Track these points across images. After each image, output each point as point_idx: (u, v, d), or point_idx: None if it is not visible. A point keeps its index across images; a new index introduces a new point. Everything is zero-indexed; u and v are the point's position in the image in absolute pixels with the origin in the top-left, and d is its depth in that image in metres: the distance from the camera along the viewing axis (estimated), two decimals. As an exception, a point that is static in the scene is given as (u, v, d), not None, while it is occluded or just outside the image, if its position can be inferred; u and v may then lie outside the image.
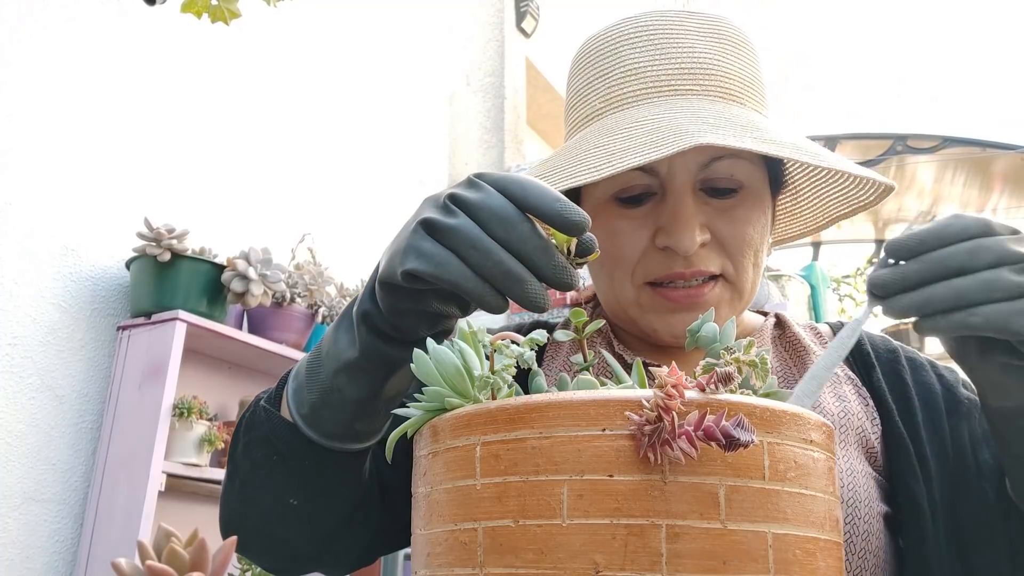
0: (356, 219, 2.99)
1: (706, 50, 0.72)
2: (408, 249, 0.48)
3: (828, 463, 0.42)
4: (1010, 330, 0.48)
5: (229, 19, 1.01)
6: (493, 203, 0.47)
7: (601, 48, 0.76)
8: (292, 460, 0.62)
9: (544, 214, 0.46)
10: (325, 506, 0.65)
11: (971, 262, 0.50)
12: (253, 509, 0.66)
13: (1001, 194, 4.50)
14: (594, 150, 0.68)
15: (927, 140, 4.03)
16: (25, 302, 1.96)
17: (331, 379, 0.57)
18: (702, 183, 0.71)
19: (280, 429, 0.62)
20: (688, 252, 0.69)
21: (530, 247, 0.46)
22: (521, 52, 4.08)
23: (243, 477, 0.65)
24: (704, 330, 0.50)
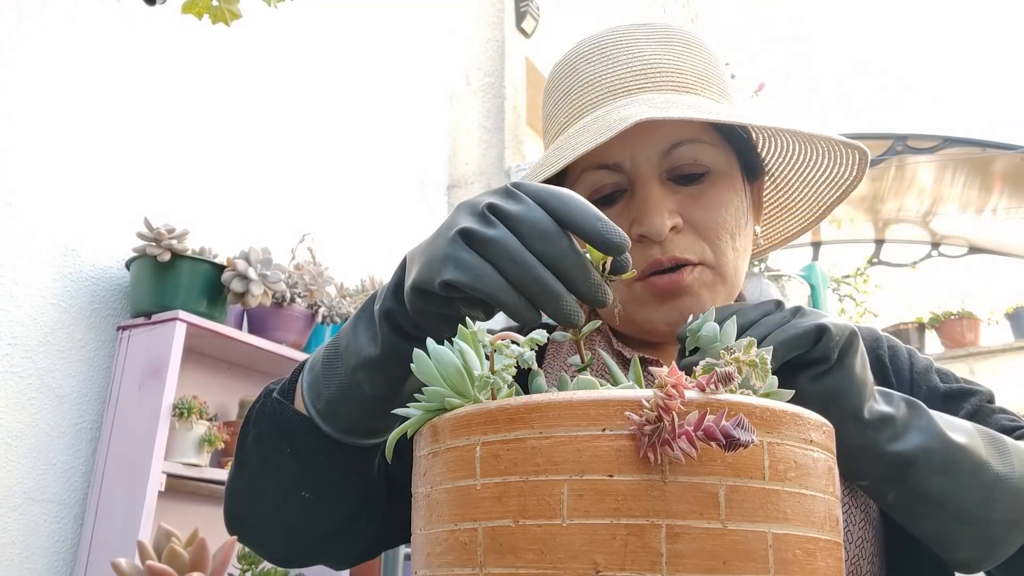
0: (356, 219, 2.99)
1: (655, 53, 0.75)
2: (447, 258, 0.48)
3: (828, 463, 0.42)
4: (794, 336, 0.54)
5: (230, 20, 1.01)
6: (533, 217, 0.46)
7: (562, 70, 0.80)
8: (304, 453, 0.62)
9: (585, 231, 0.46)
10: (335, 500, 0.65)
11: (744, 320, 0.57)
12: (262, 501, 0.66)
13: (1001, 194, 4.50)
14: (552, 154, 0.72)
15: (927, 140, 4.03)
16: (25, 302, 1.97)
17: (350, 375, 0.57)
18: (668, 172, 0.73)
19: (293, 422, 0.62)
20: (660, 236, 0.70)
21: (568, 263, 0.46)
22: (521, 52, 4.08)
23: (252, 469, 0.65)
24: (705, 329, 0.50)
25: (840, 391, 0.56)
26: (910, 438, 0.58)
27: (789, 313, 0.56)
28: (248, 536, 0.69)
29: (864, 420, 0.56)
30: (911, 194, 4.53)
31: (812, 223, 0.87)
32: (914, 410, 0.59)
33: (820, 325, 0.54)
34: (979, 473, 0.59)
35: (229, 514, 0.70)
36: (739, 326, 0.55)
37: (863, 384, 0.57)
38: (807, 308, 0.57)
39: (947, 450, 0.58)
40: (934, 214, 4.81)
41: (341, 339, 0.59)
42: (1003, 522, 0.59)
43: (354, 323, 0.59)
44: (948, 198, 4.60)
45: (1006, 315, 4.52)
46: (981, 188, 4.45)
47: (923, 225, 4.95)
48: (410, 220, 3.31)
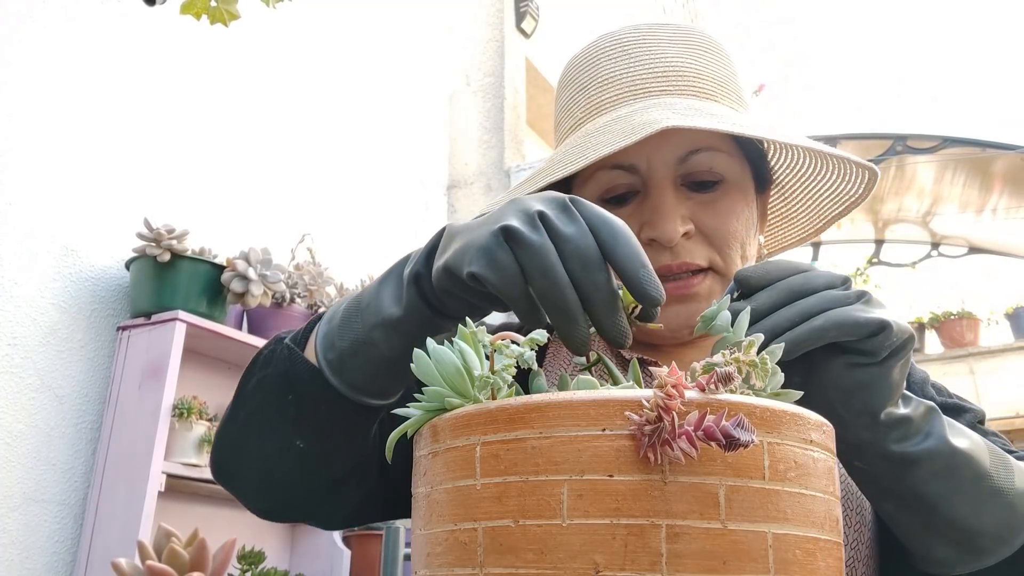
0: (356, 219, 2.99)
1: (677, 55, 0.75)
2: (482, 251, 0.47)
3: (828, 463, 0.42)
4: (851, 322, 0.52)
5: (228, 20, 1.01)
6: (580, 240, 0.46)
7: (580, 64, 0.79)
8: (306, 403, 0.61)
9: (627, 274, 0.46)
10: (328, 457, 0.64)
11: (808, 286, 0.54)
12: (255, 446, 0.64)
13: (1001, 194, 4.50)
14: (569, 151, 0.71)
15: (927, 140, 4.03)
16: (25, 302, 1.97)
17: (367, 332, 0.57)
18: (683, 178, 0.73)
19: (301, 370, 0.61)
20: (671, 242, 0.70)
21: (599, 296, 0.46)
22: (521, 52, 4.09)
23: (250, 411, 0.64)
24: (720, 318, 0.50)
25: (870, 388, 0.55)
26: (918, 441, 0.57)
27: (854, 295, 0.54)
28: (232, 482, 0.68)
29: (879, 420, 0.56)
30: (911, 194, 4.53)
31: (811, 235, 0.88)
32: (929, 415, 0.59)
33: (883, 321, 0.52)
34: (978, 483, 0.59)
35: (217, 457, 0.68)
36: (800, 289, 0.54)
37: (894, 389, 0.56)
38: (874, 297, 0.56)
39: (951, 456, 0.58)
40: (934, 214, 4.81)
41: (364, 296, 0.59)
42: (991, 535, 0.60)
43: (380, 282, 0.58)
44: (948, 198, 4.60)
45: (1006, 315, 4.52)
46: (981, 188, 4.45)
47: (923, 225, 4.96)
48: (410, 220, 3.31)
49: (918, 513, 0.60)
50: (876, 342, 0.52)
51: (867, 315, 0.52)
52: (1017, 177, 4.29)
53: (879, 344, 0.52)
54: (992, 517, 0.59)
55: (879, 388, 0.55)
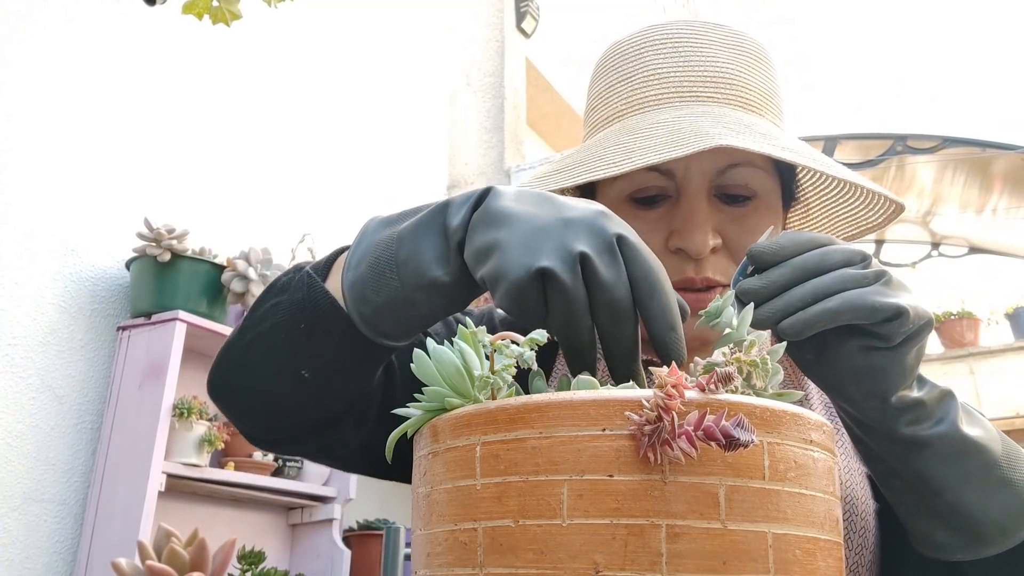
0: (356, 219, 2.98)
1: (728, 61, 0.73)
2: (513, 290, 0.46)
3: (828, 463, 0.42)
4: (867, 306, 0.50)
5: (230, 20, 1.01)
6: (615, 293, 0.45)
7: (626, 52, 0.77)
8: (320, 334, 0.59)
9: (654, 335, 0.46)
10: (331, 390, 0.62)
11: (824, 263, 0.53)
12: (258, 367, 0.63)
13: (1001, 194, 4.50)
14: (613, 147, 0.69)
15: (927, 140, 4.03)
16: (25, 302, 1.97)
17: (409, 292, 0.53)
18: (716, 189, 0.72)
19: (319, 298, 0.59)
20: (700, 254, 0.69)
21: (619, 347, 0.46)
22: (521, 52, 4.09)
23: (259, 333, 0.62)
24: (724, 316, 0.50)
25: (882, 372, 0.54)
26: (929, 425, 0.57)
27: (872, 276, 0.52)
28: (227, 400, 0.66)
29: (890, 403, 0.55)
30: (911, 194, 4.53)
31: None
32: (944, 400, 0.58)
33: (900, 307, 0.50)
34: (987, 472, 0.58)
35: (216, 373, 0.66)
36: (815, 267, 0.52)
37: (907, 373, 0.54)
38: (894, 278, 0.53)
39: (961, 442, 0.57)
40: (934, 214, 4.81)
41: (399, 250, 0.54)
42: (995, 524, 0.59)
43: (416, 234, 0.54)
44: (948, 198, 4.60)
45: (1006, 315, 4.52)
46: (981, 188, 4.45)
47: (923, 225, 4.95)
48: (410, 220, 3.30)
49: (923, 496, 0.59)
50: (891, 327, 0.51)
51: (884, 300, 0.50)
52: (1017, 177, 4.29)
53: (894, 329, 0.51)
54: (998, 507, 0.59)
55: (891, 373, 0.54)
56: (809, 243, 0.54)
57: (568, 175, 0.71)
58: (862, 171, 3.82)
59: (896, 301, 0.51)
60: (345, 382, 0.62)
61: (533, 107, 4.25)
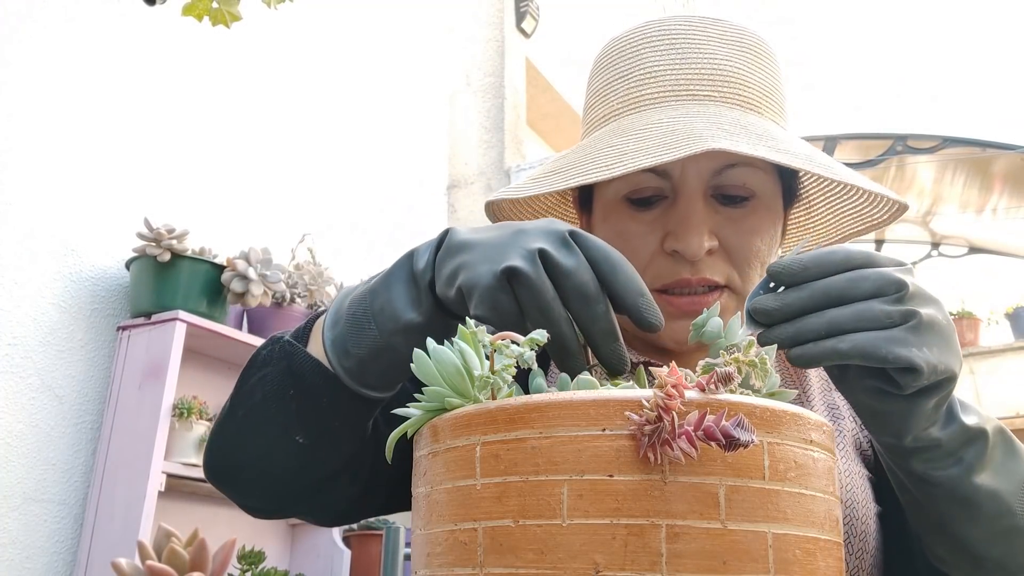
0: (356, 219, 2.99)
1: (727, 57, 0.72)
2: (484, 295, 0.49)
3: (828, 463, 0.42)
4: (878, 356, 0.48)
5: (230, 22, 1.01)
6: (579, 277, 0.47)
7: (623, 49, 0.76)
8: (308, 395, 0.60)
9: (625, 305, 0.47)
10: (327, 449, 0.63)
11: (849, 292, 0.49)
12: (253, 442, 0.64)
13: (1001, 194, 4.50)
14: (607, 149, 0.68)
15: (927, 140, 4.03)
16: (25, 302, 1.97)
17: (387, 338, 0.56)
18: (714, 189, 0.71)
19: (303, 363, 0.60)
20: (695, 257, 0.68)
21: (597, 328, 0.47)
22: (521, 52, 4.08)
23: (249, 408, 0.63)
24: (710, 325, 0.50)
25: (896, 416, 0.52)
26: (943, 466, 0.55)
27: (899, 316, 0.48)
28: (227, 479, 0.67)
29: (903, 442, 0.53)
30: (911, 194, 4.52)
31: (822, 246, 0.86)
32: (967, 442, 0.55)
33: (913, 364, 0.47)
34: (997, 520, 0.57)
35: (212, 455, 0.67)
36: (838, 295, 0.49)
37: (922, 421, 0.52)
38: (926, 320, 0.49)
39: (972, 491, 0.56)
40: (934, 214, 4.81)
41: (373, 301, 0.57)
42: (996, 562, 0.59)
43: (387, 283, 0.57)
44: (948, 198, 4.60)
45: (1006, 315, 4.52)
46: (981, 188, 4.45)
47: (923, 225, 4.95)
48: (410, 220, 3.31)
49: (928, 519, 0.59)
50: (905, 379, 0.48)
51: (897, 351, 0.47)
52: (1017, 177, 4.29)
53: (907, 382, 0.48)
54: (1003, 550, 0.58)
55: (905, 419, 0.52)
56: (841, 264, 0.50)
57: (562, 177, 0.70)
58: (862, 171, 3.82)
59: (910, 355, 0.47)
60: (339, 441, 0.63)
61: (533, 107, 4.25)
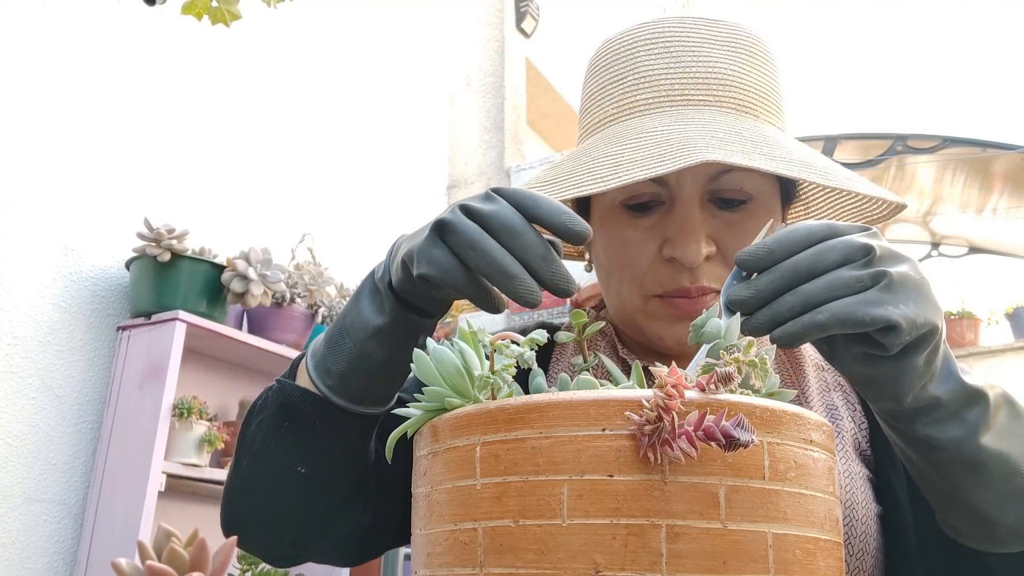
0: (356, 219, 2.99)
1: (722, 60, 0.72)
2: (421, 254, 0.53)
3: (828, 463, 0.42)
4: (855, 320, 0.47)
5: (229, 21, 1.01)
6: (502, 214, 0.51)
7: (617, 52, 0.75)
8: (301, 422, 0.62)
9: (551, 224, 0.51)
10: (331, 474, 0.64)
11: (817, 264, 0.49)
12: (260, 483, 0.66)
13: (1001, 194, 4.50)
14: (602, 159, 0.68)
15: (927, 140, 4.03)
16: (25, 302, 1.96)
17: (360, 347, 0.60)
18: (711, 194, 0.71)
19: (292, 395, 0.63)
20: (694, 264, 0.68)
21: (531, 255, 0.50)
22: (521, 52, 4.08)
23: (252, 455, 0.66)
24: (709, 326, 0.50)
25: (888, 379, 0.51)
26: (947, 428, 0.54)
27: (869, 278, 0.48)
28: (242, 528, 0.68)
29: (903, 404, 0.52)
30: (911, 194, 4.52)
31: None
32: (971, 401, 0.54)
33: (891, 321, 0.47)
34: (1008, 481, 0.56)
35: (225, 507, 0.69)
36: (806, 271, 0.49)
37: (916, 379, 0.51)
38: (896, 278, 0.48)
39: (979, 451, 0.54)
40: (934, 214, 4.81)
41: (344, 319, 0.62)
42: (1008, 527, 0.58)
43: (355, 301, 0.62)
44: (948, 198, 4.60)
45: (1006, 315, 4.52)
46: (981, 188, 4.45)
47: (923, 225, 4.95)
48: (410, 220, 3.30)
49: (938, 488, 0.58)
50: (887, 338, 0.48)
51: (874, 312, 0.47)
52: (1017, 177, 4.29)
53: (890, 341, 0.48)
54: (1016, 513, 0.57)
55: (898, 380, 0.51)
56: (804, 240, 0.50)
57: (558, 187, 0.70)
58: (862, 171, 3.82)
59: (886, 313, 0.47)
60: (340, 465, 0.65)
61: (533, 107, 4.24)
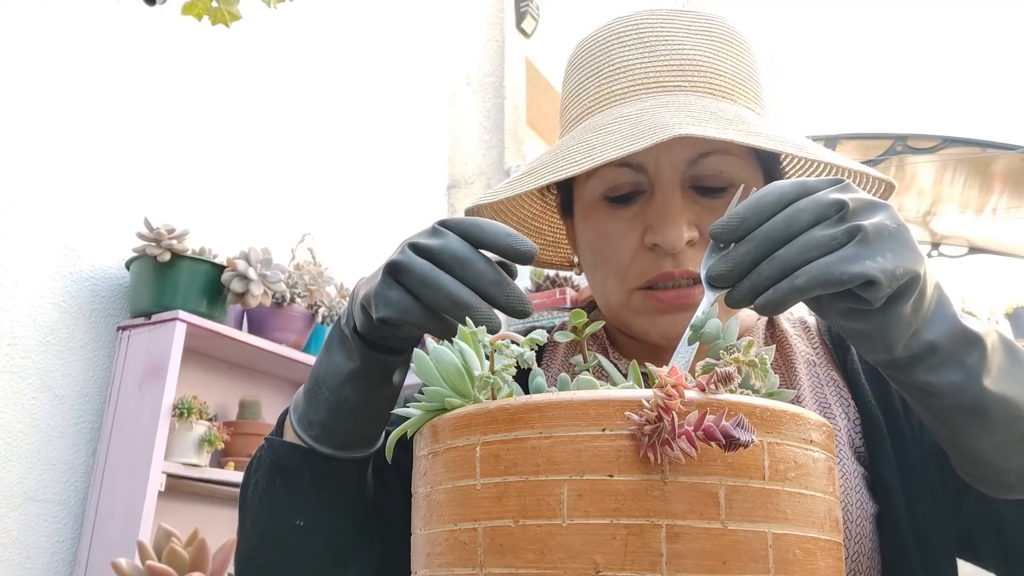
0: (356, 219, 2.99)
1: (696, 47, 0.72)
2: (377, 297, 0.54)
3: (828, 463, 0.42)
4: (833, 280, 0.46)
5: (229, 21, 1.01)
6: (450, 246, 0.53)
7: (592, 48, 0.76)
8: (294, 478, 0.64)
9: (498, 248, 0.53)
10: (330, 523, 0.65)
11: (791, 227, 0.48)
12: (263, 544, 0.67)
13: (1001, 194, 4.50)
14: (576, 146, 0.68)
15: (927, 140, 4.03)
16: (25, 302, 1.96)
17: (336, 393, 0.61)
18: (691, 180, 0.70)
19: (281, 451, 0.65)
20: (675, 248, 0.68)
21: (484, 282, 0.52)
22: (521, 52, 4.08)
23: (253, 517, 0.67)
24: (708, 326, 0.49)
25: (876, 331, 0.50)
26: (944, 373, 0.52)
27: (843, 234, 0.47)
28: None
29: (896, 354, 0.52)
30: (911, 194, 4.53)
31: None
32: (968, 344, 0.53)
33: (868, 276, 0.46)
34: (1012, 426, 0.55)
35: (238, 571, 0.70)
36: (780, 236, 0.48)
37: (905, 327, 0.50)
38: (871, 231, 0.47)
39: (980, 395, 0.53)
40: (934, 214, 4.81)
41: (318, 369, 0.63)
42: (1015, 473, 0.56)
43: (326, 349, 0.63)
44: (948, 198, 4.60)
45: (1006, 315, 4.51)
46: (981, 188, 4.45)
47: (923, 225, 4.96)
48: (410, 220, 3.31)
49: (942, 434, 0.57)
50: (869, 292, 0.47)
51: (851, 269, 0.46)
52: (1017, 177, 4.29)
53: (872, 295, 0.47)
54: (1021, 459, 0.56)
55: (885, 332, 0.50)
56: (776, 203, 0.49)
57: (533, 177, 0.70)
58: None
59: (864, 269, 0.46)
60: (338, 512, 0.66)
61: (533, 107, 4.25)
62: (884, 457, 0.70)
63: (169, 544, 1.26)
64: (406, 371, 0.62)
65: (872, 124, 10.22)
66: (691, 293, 0.69)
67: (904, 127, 5.06)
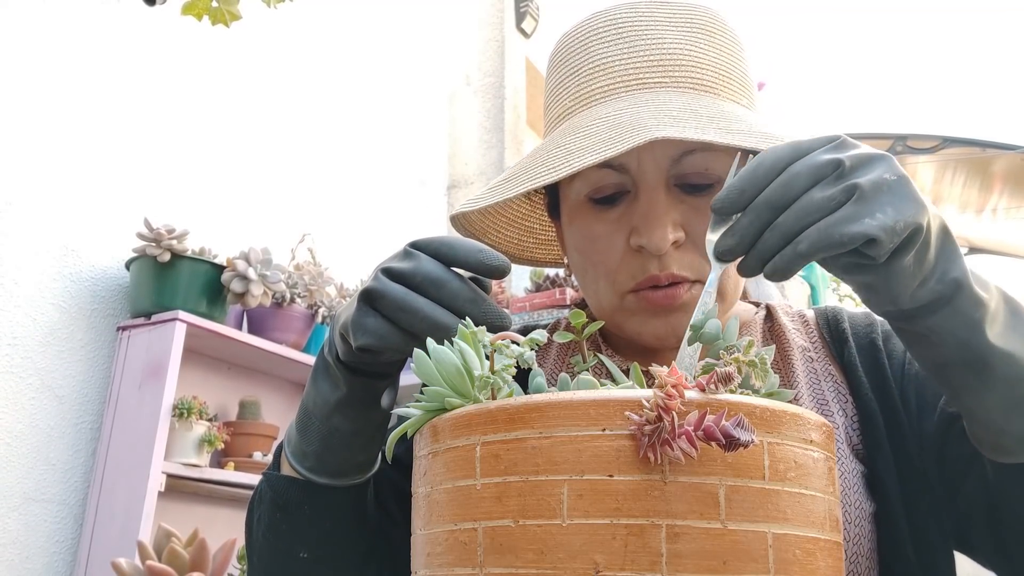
0: (356, 219, 2.99)
1: (676, 40, 0.70)
2: (355, 326, 0.54)
3: (828, 463, 0.42)
4: (834, 242, 0.46)
5: (229, 21, 1.01)
6: (423, 269, 0.53)
7: (572, 45, 0.74)
8: (293, 511, 0.64)
9: (469, 265, 0.53)
10: (333, 552, 0.66)
11: (789, 193, 0.48)
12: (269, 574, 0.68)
13: (1001, 194, 4.50)
14: (556, 150, 0.67)
15: (927, 140, 4.04)
16: (25, 302, 1.97)
17: (326, 423, 0.61)
18: (676, 179, 0.69)
19: (278, 485, 0.65)
20: (660, 251, 0.66)
21: (460, 301, 0.53)
22: (521, 52, 4.08)
23: (259, 552, 0.68)
24: (708, 327, 0.49)
25: (881, 284, 0.50)
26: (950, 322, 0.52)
27: (841, 194, 0.47)
28: None
29: (902, 305, 0.51)
30: (911, 194, 4.53)
31: None
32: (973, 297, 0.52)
33: (869, 235, 0.46)
34: (1013, 387, 0.54)
35: None
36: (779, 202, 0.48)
37: (910, 277, 0.50)
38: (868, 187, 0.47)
39: (985, 349, 0.53)
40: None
41: (306, 402, 0.63)
42: (1015, 437, 0.56)
43: (313, 380, 0.63)
44: (948, 198, 4.60)
45: (1006, 315, 4.52)
46: (981, 188, 4.45)
47: (923, 225, 4.96)
48: (410, 220, 3.31)
49: (946, 392, 0.57)
50: (871, 251, 0.47)
51: (851, 229, 0.46)
52: (1017, 177, 4.29)
53: (875, 252, 0.47)
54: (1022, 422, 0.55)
55: (890, 285, 0.50)
56: (771, 170, 0.49)
57: (512, 184, 0.69)
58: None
59: (863, 228, 0.46)
60: (340, 540, 0.66)
61: (533, 107, 4.25)
62: (881, 453, 0.69)
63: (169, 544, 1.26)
64: (394, 394, 0.62)
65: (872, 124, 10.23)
66: (677, 293, 0.68)
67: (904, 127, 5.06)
